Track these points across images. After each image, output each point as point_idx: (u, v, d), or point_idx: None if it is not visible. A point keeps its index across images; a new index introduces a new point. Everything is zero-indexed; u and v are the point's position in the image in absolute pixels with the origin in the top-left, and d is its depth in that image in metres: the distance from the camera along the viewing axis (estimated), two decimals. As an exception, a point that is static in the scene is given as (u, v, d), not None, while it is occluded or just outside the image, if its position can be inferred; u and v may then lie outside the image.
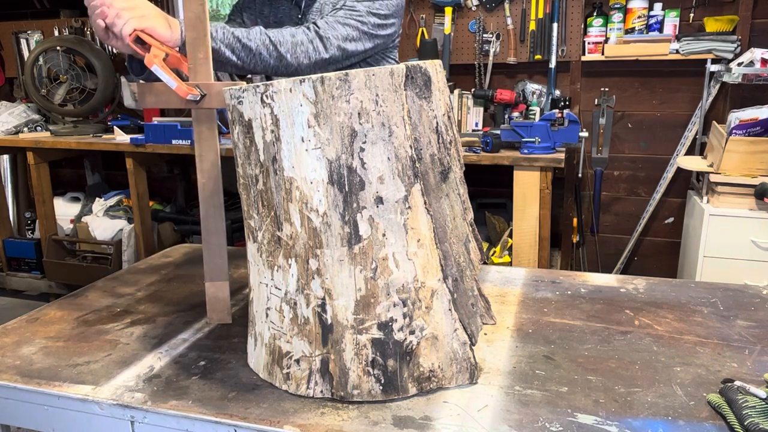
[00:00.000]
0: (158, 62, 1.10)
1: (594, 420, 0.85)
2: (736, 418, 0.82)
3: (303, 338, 0.93)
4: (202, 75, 1.13)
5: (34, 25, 4.18)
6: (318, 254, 0.89)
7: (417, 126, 0.90)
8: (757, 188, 2.54)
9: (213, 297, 1.20)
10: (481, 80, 3.45)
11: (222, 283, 1.19)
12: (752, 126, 2.64)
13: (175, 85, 1.10)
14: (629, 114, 3.34)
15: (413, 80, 0.89)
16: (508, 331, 1.15)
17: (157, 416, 0.91)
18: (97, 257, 3.77)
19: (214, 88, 1.12)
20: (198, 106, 1.13)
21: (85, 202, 4.04)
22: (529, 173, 2.73)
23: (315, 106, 0.85)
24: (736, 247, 2.66)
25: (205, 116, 1.15)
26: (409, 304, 0.91)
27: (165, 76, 1.09)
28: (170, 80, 1.10)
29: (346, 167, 0.86)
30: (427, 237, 0.91)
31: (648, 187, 3.39)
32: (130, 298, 1.36)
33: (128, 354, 1.08)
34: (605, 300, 1.29)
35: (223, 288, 1.19)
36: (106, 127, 3.78)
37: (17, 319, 1.25)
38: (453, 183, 0.98)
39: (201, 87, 1.12)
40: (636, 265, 3.52)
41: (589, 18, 3.21)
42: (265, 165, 0.91)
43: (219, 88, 1.12)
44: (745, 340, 1.09)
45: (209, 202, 1.18)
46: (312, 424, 0.86)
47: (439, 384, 0.94)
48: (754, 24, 3.01)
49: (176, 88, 1.10)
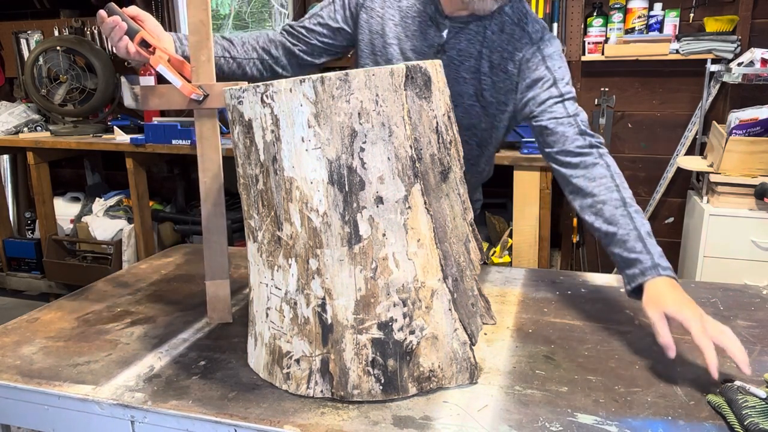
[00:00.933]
0: (164, 62, 1.16)
1: (594, 420, 0.85)
2: (736, 418, 0.82)
3: (303, 338, 0.93)
4: (205, 76, 1.18)
5: (34, 25, 4.17)
6: (318, 254, 0.89)
7: (417, 126, 0.90)
8: (757, 188, 2.54)
9: (213, 296, 1.21)
10: (481, 80, 3.45)
11: (222, 281, 1.21)
12: (752, 126, 2.63)
13: (180, 84, 1.15)
14: (629, 114, 3.34)
15: (413, 80, 0.89)
16: (508, 331, 1.15)
17: (157, 416, 0.91)
18: (97, 257, 3.76)
19: (215, 89, 1.17)
20: (200, 106, 1.17)
21: (85, 202, 4.04)
22: (529, 173, 2.73)
23: (315, 106, 0.85)
24: (736, 247, 2.66)
25: (208, 116, 1.19)
26: (409, 304, 0.91)
27: (171, 76, 1.15)
28: (176, 79, 1.15)
29: (346, 167, 0.86)
30: (427, 237, 0.91)
31: (648, 187, 3.39)
32: (130, 298, 1.36)
33: (128, 354, 1.08)
34: (605, 300, 1.29)
35: (223, 286, 1.21)
36: (106, 127, 3.78)
37: (17, 319, 1.25)
38: (453, 183, 0.98)
39: (204, 87, 1.16)
40: (636, 265, 3.52)
41: (589, 18, 3.21)
42: (265, 165, 0.91)
43: (220, 89, 1.16)
44: (745, 340, 1.09)
45: (211, 201, 1.21)
46: (312, 423, 0.86)
47: (439, 384, 0.94)
48: (754, 24, 3.01)
49: (181, 87, 1.15)
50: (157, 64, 1.16)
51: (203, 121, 1.19)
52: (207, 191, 1.20)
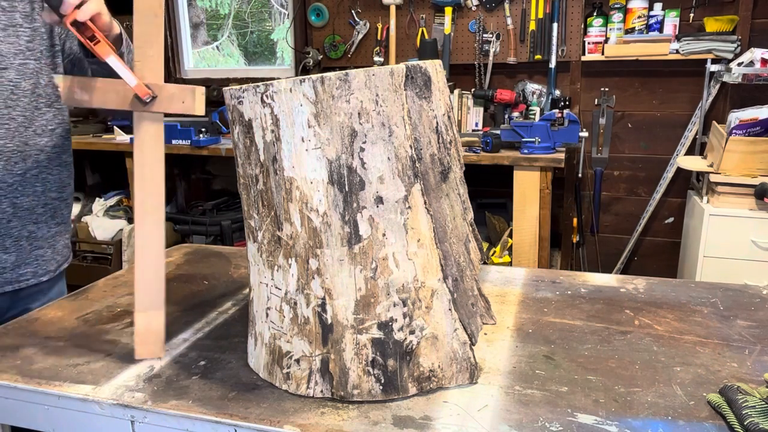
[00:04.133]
0: (115, 55, 1.00)
1: (594, 420, 0.85)
2: (736, 418, 0.82)
3: (303, 338, 0.93)
4: (152, 74, 1.01)
5: (34, 25, 4.17)
6: (318, 254, 0.89)
7: (417, 126, 0.90)
8: (757, 188, 2.54)
9: (144, 329, 1.04)
10: (481, 80, 3.45)
11: (156, 312, 1.05)
12: (752, 126, 2.64)
13: (135, 83, 0.99)
14: (629, 114, 3.34)
15: (413, 80, 0.89)
16: (508, 331, 1.15)
17: (157, 416, 0.91)
18: (97, 257, 3.76)
19: (166, 90, 1.01)
20: (146, 108, 1.01)
21: (85, 202, 4.04)
22: (529, 173, 2.73)
23: (315, 106, 0.85)
24: (736, 247, 2.66)
25: (152, 120, 1.02)
26: (409, 304, 0.91)
27: (124, 71, 0.98)
28: (130, 77, 0.99)
29: (346, 167, 0.86)
30: (427, 237, 0.91)
31: (648, 187, 3.40)
32: (130, 298, 1.36)
33: (128, 354, 1.08)
34: (605, 300, 1.29)
35: (157, 318, 1.05)
36: (106, 127, 3.78)
37: (17, 319, 1.25)
38: (453, 183, 0.98)
39: (152, 87, 1.01)
40: (636, 265, 3.52)
41: (589, 18, 3.22)
42: (265, 165, 0.91)
43: (172, 91, 1.02)
44: (745, 340, 1.09)
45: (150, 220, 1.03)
46: (312, 423, 0.86)
47: (439, 384, 0.94)
48: (754, 24, 3.01)
49: (135, 86, 0.99)
50: (107, 55, 0.98)
51: (145, 126, 1.02)
52: (145, 209, 1.03)
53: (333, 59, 3.72)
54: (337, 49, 3.69)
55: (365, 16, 3.61)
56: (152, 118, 1.03)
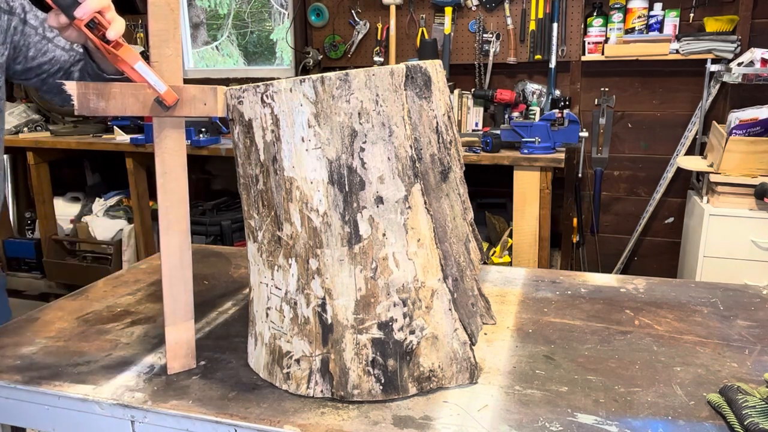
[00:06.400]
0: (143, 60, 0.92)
1: (594, 420, 0.85)
2: (736, 418, 0.82)
3: (303, 338, 0.93)
4: (171, 75, 0.94)
5: (34, 25, 4.17)
6: (318, 254, 0.89)
7: (417, 126, 0.90)
8: (757, 188, 2.54)
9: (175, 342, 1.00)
10: (481, 80, 3.45)
11: (186, 323, 1.02)
12: (752, 126, 2.64)
13: (164, 89, 0.91)
14: (629, 114, 3.34)
15: (413, 80, 0.89)
16: (508, 331, 1.15)
17: (157, 416, 0.91)
18: (97, 257, 3.77)
19: (187, 92, 0.94)
20: (168, 113, 0.94)
21: (85, 202, 4.04)
22: (529, 173, 2.73)
23: (315, 106, 0.85)
24: (736, 247, 2.66)
25: (173, 126, 0.96)
26: (409, 304, 0.91)
27: (152, 77, 0.91)
28: (158, 82, 0.91)
29: (346, 167, 0.86)
30: (427, 237, 0.91)
31: (648, 187, 3.40)
32: (130, 298, 1.36)
33: (128, 354, 1.08)
34: (605, 300, 1.29)
35: (187, 329, 1.02)
36: (106, 127, 3.78)
37: (17, 319, 1.25)
38: (453, 183, 0.98)
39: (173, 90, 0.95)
40: (636, 265, 3.52)
41: (589, 18, 3.21)
42: (265, 165, 0.91)
43: (193, 93, 0.95)
44: (745, 340, 1.09)
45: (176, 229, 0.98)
46: (312, 423, 0.86)
47: (439, 384, 0.94)
48: (754, 24, 3.01)
49: (165, 93, 0.91)
50: (136, 60, 0.90)
51: (166, 132, 0.95)
52: (169, 220, 0.97)
53: (333, 59, 3.72)
54: (337, 49, 3.69)
55: (365, 16, 3.61)
56: (174, 123, 0.96)
